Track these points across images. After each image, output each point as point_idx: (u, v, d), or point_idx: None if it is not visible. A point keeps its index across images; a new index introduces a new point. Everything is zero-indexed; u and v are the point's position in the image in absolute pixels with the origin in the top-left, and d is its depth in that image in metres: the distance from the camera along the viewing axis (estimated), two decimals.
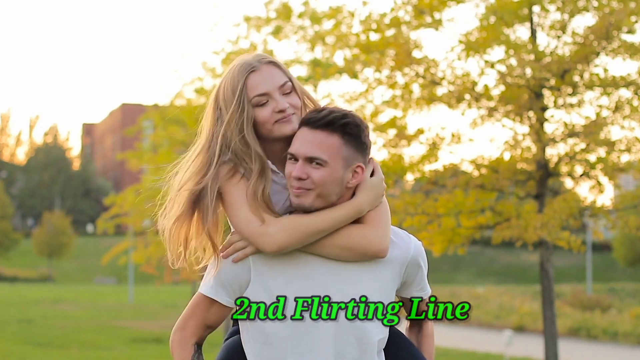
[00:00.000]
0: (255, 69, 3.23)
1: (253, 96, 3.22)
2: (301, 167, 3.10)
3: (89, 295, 52.40)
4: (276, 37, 16.97)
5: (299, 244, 3.13)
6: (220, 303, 3.22)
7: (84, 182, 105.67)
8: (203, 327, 3.26)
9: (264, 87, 3.22)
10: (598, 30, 9.20)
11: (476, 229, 9.96)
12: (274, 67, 3.25)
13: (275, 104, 3.21)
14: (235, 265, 3.19)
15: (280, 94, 3.23)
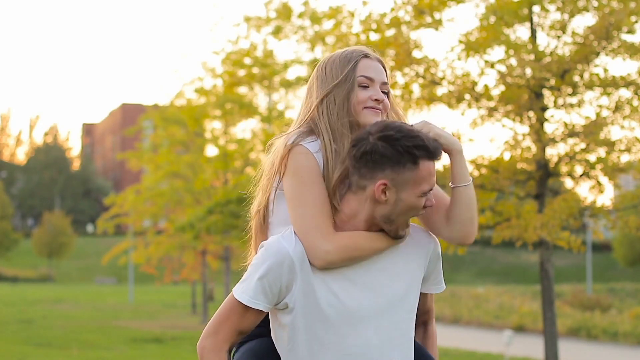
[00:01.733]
0: (370, 56, 3.35)
1: (359, 75, 3.30)
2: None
3: (89, 295, 52.41)
4: (276, 37, 16.98)
5: (343, 263, 3.14)
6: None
7: (84, 182, 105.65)
8: (236, 333, 3.17)
9: (371, 73, 3.32)
10: (598, 30, 9.20)
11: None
12: (382, 65, 3.37)
13: (374, 92, 3.30)
14: (282, 269, 3.10)
15: (379, 88, 3.32)
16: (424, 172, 3.06)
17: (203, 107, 23.52)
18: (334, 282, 3.12)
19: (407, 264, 3.25)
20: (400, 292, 3.21)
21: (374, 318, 3.15)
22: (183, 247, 29.21)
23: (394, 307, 3.19)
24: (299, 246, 3.10)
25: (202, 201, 24.86)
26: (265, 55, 18.76)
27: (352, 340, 3.13)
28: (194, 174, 25.90)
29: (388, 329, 3.18)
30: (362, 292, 3.14)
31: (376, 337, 3.16)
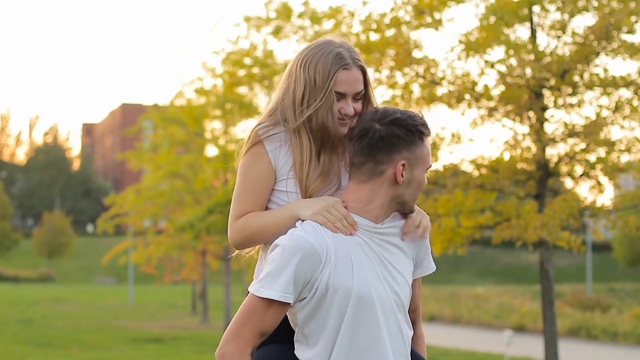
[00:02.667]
0: (348, 67, 3.36)
1: (335, 90, 3.34)
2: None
3: (89, 295, 52.41)
4: (276, 37, 16.98)
5: (250, 243, 3.38)
6: (280, 303, 3.12)
7: (84, 182, 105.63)
8: (258, 335, 3.14)
9: (344, 88, 3.34)
10: (598, 30, 9.20)
11: (476, 229, 9.97)
12: (359, 71, 3.38)
13: (345, 104, 3.35)
14: (313, 256, 3.14)
15: (353, 98, 3.38)
16: (427, 149, 3.28)
17: (203, 107, 23.51)
18: (356, 270, 3.18)
19: (405, 259, 3.31)
20: (405, 288, 3.28)
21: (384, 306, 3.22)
22: (183, 247, 29.20)
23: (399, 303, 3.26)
24: (321, 237, 3.15)
25: (202, 201, 24.85)
26: (265, 55, 18.76)
27: (371, 322, 3.19)
28: (194, 174, 25.90)
29: (394, 324, 3.23)
30: (381, 285, 3.21)
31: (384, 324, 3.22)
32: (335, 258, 3.14)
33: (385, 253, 3.23)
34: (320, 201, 3.25)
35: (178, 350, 22.37)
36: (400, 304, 3.24)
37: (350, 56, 3.37)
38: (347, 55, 3.37)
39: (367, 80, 3.42)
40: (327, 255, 3.12)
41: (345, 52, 3.38)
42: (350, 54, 3.38)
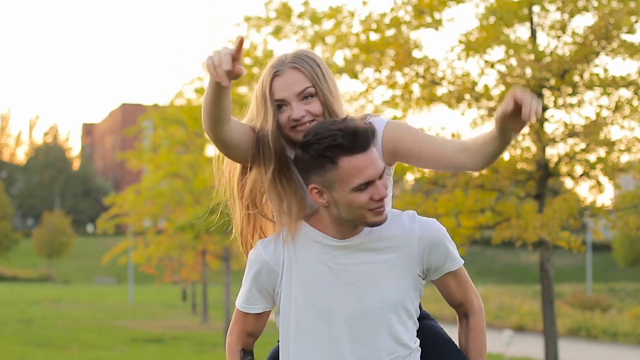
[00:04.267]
0: (279, 73, 3.28)
1: (275, 99, 3.28)
2: (382, 186, 3.15)
3: (89, 295, 52.42)
4: (276, 37, 16.96)
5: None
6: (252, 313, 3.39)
7: (84, 182, 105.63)
8: (245, 334, 3.41)
9: (282, 94, 3.27)
10: (598, 30, 9.20)
11: (476, 229, 9.97)
12: (296, 71, 3.26)
13: (291, 110, 3.26)
14: (268, 270, 3.29)
15: (299, 100, 3.25)
16: (348, 168, 3.06)
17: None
18: (311, 281, 3.23)
19: (393, 268, 3.25)
20: (381, 296, 3.23)
21: (348, 318, 3.21)
22: (183, 247, 29.20)
23: (372, 311, 3.22)
24: (277, 252, 3.26)
25: (202, 201, 24.84)
26: (265, 55, 18.73)
27: (326, 335, 3.21)
28: (194, 174, 25.86)
29: (362, 332, 3.22)
30: (340, 293, 3.21)
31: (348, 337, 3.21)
32: (291, 271, 3.24)
33: (353, 266, 3.20)
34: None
35: (178, 350, 22.38)
36: (371, 314, 3.21)
37: (285, 61, 3.29)
38: (282, 61, 3.30)
39: (317, 76, 3.27)
40: (282, 270, 3.25)
41: (284, 58, 3.31)
42: (289, 58, 3.29)
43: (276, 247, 3.27)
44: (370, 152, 3.08)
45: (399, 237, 3.24)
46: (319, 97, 3.27)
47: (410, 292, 3.26)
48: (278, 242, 3.27)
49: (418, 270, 3.26)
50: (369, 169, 3.08)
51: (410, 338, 3.29)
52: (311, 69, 3.28)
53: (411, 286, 3.26)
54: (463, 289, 3.40)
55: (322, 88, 3.28)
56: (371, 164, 3.08)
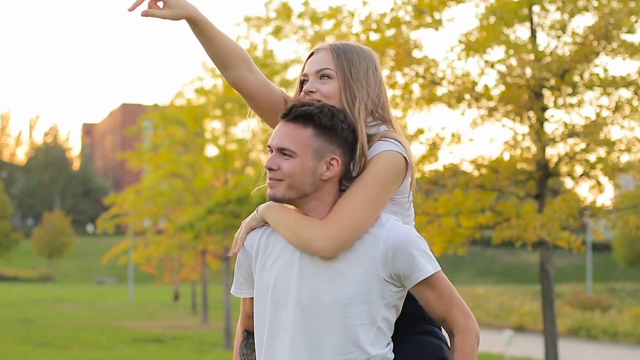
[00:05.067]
0: (315, 52, 3.40)
1: (302, 74, 3.41)
2: (273, 157, 3.20)
3: (89, 295, 52.43)
4: (276, 37, 16.97)
5: None
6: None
7: (84, 182, 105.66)
8: (246, 318, 3.47)
9: (307, 69, 3.38)
10: (598, 30, 9.19)
11: (476, 229, 9.96)
12: (327, 53, 3.35)
13: (308, 84, 3.35)
14: (245, 253, 3.37)
15: (317, 78, 3.33)
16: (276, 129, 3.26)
17: (203, 107, 23.51)
18: (280, 269, 3.25)
19: (350, 267, 3.18)
20: (337, 293, 3.17)
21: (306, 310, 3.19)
22: (183, 247, 29.20)
23: (326, 306, 3.17)
24: (254, 236, 3.33)
25: (202, 201, 24.84)
26: (265, 55, 18.76)
27: (284, 324, 3.22)
28: (194, 174, 25.88)
29: (316, 325, 3.18)
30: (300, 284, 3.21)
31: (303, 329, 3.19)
32: (264, 256, 3.28)
33: (316, 259, 3.17)
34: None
35: (178, 350, 22.39)
36: (325, 309, 3.16)
37: (325, 44, 3.40)
38: (323, 44, 3.41)
39: (342, 62, 3.33)
40: (256, 254, 3.30)
41: (326, 42, 3.43)
42: (329, 42, 3.40)
43: (257, 233, 3.33)
44: (289, 125, 3.18)
45: (367, 237, 3.18)
46: (338, 81, 3.31)
47: (371, 295, 3.15)
48: (265, 228, 3.33)
49: (383, 274, 3.15)
50: (275, 136, 3.21)
51: (371, 343, 3.16)
52: (340, 54, 3.34)
53: (373, 289, 3.16)
54: (444, 304, 3.23)
55: (344, 74, 3.31)
56: (279, 134, 3.20)
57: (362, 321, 3.16)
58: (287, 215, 3.23)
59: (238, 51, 3.43)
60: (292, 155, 3.16)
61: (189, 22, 3.37)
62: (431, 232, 9.65)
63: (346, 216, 3.14)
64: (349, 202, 3.18)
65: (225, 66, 3.42)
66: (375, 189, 3.19)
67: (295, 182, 3.17)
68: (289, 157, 3.16)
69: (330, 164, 3.19)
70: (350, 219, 3.14)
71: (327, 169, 3.19)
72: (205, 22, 3.36)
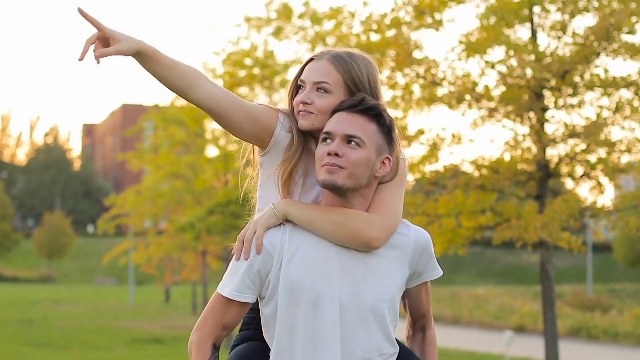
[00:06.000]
0: (316, 59, 3.29)
1: (298, 80, 3.32)
2: (338, 144, 3.12)
3: (90, 295, 52.42)
4: (277, 37, 16.97)
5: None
6: (239, 302, 3.21)
7: (84, 182, 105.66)
8: (220, 327, 3.23)
9: (305, 75, 3.28)
10: (598, 31, 9.20)
11: (476, 230, 9.96)
12: (330, 64, 3.25)
13: (302, 94, 3.26)
14: (264, 254, 3.18)
15: (314, 89, 3.25)
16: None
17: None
18: (313, 264, 3.17)
19: (388, 265, 3.22)
20: (379, 289, 3.19)
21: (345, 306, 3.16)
22: (183, 247, 29.19)
23: (369, 302, 3.17)
24: (276, 235, 3.19)
25: (203, 202, 24.84)
26: (266, 55, 18.75)
27: (315, 320, 3.14)
28: (195, 175, 25.88)
29: (356, 322, 3.16)
30: (339, 280, 3.16)
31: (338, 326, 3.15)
32: (289, 255, 3.17)
33: (355, 254, 3.17)
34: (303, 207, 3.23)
35: (178, 350, 22.37)
36: (368, 305, 3.16)
37: (327, 53, 3.30)
38: (324, 51, 3.32)
39: (349, 79, 3.26)
40: (279, 254, 3.16)
41: (328, 50, 3.34)
42: (331, 52, 3.30)
43: (277, 230, 3.20)
44: (356, 116, 3.14)
45: (398, 236, 3.23)
46: (339, 94, 3.24)
47: (399, 292, 3.25)
48: (284, 227, 3.20)
49: (408, 272, 3.26)
50: (340, 124, 3.14)
51: (393, 339, 3.25)
52: (345, 68, 3.26)
53: (400, 287, 3.25)
54: (428, 301, 3.44)
55: (348, 85, 3.26)
56: (347, 122, 3.13)
57: (392, 317, 3.22)
58: (322, 209, 3.20)
59: (194, 70, 3.25)
60: (361, 145, 3.12)
61: (138, 57, 3.19)
62: (432, 232, 9.64)
63: (392, 209, 3.22)
64: (390, 197, 3.24)
65: (187, 87, 3.21)
66: (403, 189, 3.33)
67: (357, 172, 3.13)
68: (357, 146, 3.12)
69: (384, 162, 3.19)
70: (394, 212, 3.22)
71: (381, 167, 3.19)
72: (155, 50, 3.21)
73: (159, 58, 3.19)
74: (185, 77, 3.21)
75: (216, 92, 3.23)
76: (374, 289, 3.17)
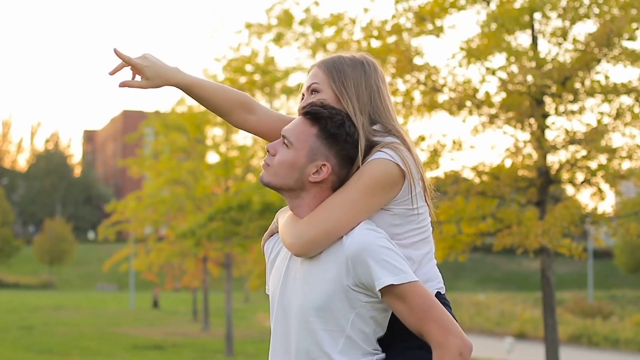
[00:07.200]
0: (311, 68, 3.44)
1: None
2: (276, 143, 3.25)
3: (90, 302, 52.40)
4: (277, 44, 16.96)
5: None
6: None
7: (85, 188, 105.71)
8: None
9: (304, 86, 3.43)
10: (599, 37, 9.20)
11: (477, 236, 9.96)
12: (317, 68, 3.40)
13: (302, 101, 3.39)
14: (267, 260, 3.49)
15: (309, 93, 3.38)
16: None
17: (204, 113, 23.47)
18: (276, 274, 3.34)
19: (319, 273, 3.16)
20: (306, 297, 3.17)
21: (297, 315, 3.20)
22: (184, 254, 29.19)
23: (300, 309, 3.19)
24: (269, 243, 3.47)
25: (203, 208, 24.85)
26: (267, 62, 18.75)
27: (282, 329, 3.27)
28: (195, 181, 25.88)
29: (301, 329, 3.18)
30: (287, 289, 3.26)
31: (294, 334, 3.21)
32: (272, 260, 3.41)
33: (299, 264, 3.20)
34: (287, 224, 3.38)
35: (179, 357, 22.38)
36: (299, 312, 3.17)
37: (319, 60, 3.45)
38: (317, 61, 3.47)
39: (331, 77, 3.34)
40: (268, 258, 3.45)
41: (321, 58, 3.55)
42: (322, 58, 3.46)
43: (275, 236, 3.45)
44: (301, 118, 3.24)
45: (339, 242, 3.13)
46: (327, 93, 3.33)
47: (335, 302, 3.10)
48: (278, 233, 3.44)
49: (347, 282, 3.09)
50: (288, 124, 3.29)
51: (339, 352, 3.11)
52: (329, 69, 3.37)
53: (338, 297, 3.10)
54: (417, 318, 3.10)
55: (333, 85, 3.33)
56: (290, 123, 3.27)
57: (327, 327, 3.12)
58: (283, 214, 3.34)
59: (232, 97, 3.48)
60: (289, 146, 3.19)
61: (175, 87, 3.43)
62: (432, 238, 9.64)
63: (320, 217, 3.14)
64: (325, 205, 3.17)
65: (223, 115, 3.51)
66: (355, 193, 3.15)
67: (281, 172, 3.19)
68: (286, 147, 3.20)
69: (320, 168, 3.16)
70: (323, 220, 3.12)
71: (316, 173, 3.17)
72: (187, 84, 3.42)
73: (192, 91, 3.45)
74: (221, 106, 3.50)
75: (249, 119, 3.53)
76: (303, 294, 3.16)
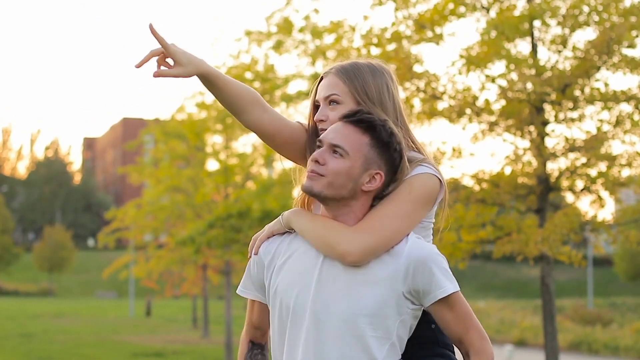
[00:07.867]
0: (324, 76, 3.43)
1: (315, 100, 3.45)
2: (322, 152, 3.15)
3: (90, 309, 52.36)
4: (277, 51, 16.97)
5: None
6: (258, 302, 3.37)
7: (85, 196, 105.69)
8: (252, 327, 3.43)
9: (318, 95, 3.42)
10: (599, 45, 9.21)
11: (477, 244, 9.96)
12: (335, 77, 3.38)
13: (319, 112, 3.38)
14: (258, 262, 3.33)
15: (326, 104, 3.36)
16: None
17: (204, 121, 23.48)
18: (298, 276, 3.19)
19: (372, 278, 3.12)
20: (356, 302, 3.11)
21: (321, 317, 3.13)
22: (184, 261, 29.17)
23: (345, 315, 3.11)
24: (272, 244, 3.30)
25: (203, 215, 24.83)
26: (266, 69, 18.77)
27: (298, 332, 3.16)
28: (195, 188, 25.86)
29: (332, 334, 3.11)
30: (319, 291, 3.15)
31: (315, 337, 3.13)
32: (281, 263, 3.24)
33: (339, 267, 3.12)
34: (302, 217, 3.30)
35: None
36: (343, 318, 3.10)
37: (333, 67, 3.42)
38: (331, 67, 3.43)
39: (353, 86, 3.35)
40: (270, 262, 3.27)
41: (334, 65, 3.45)
42: (337, 66, 3.42)
43: (277, 239, 3.31)
44: (349, 126, 3.15)
45: (393, 251, 3.14)
46: (347, 106, 3.32)
47: (387, 309, 3.10)
48: (287, 235, 3.29)
49: (403, 288, 3.10)
50: (330, 132, 3.18)
51: (384, 358, 3.11)
52: (349, 78, 3.36)
53: (390, 303, 3.10)
54: (462, 325, 3.18)
55: (357, 97, 3.34)
56: (336, 131, 3.17)
57: (376, 333, 3.11)
58: (315, 219, 3.22)
59: (249, 94, 3.46)
60: (343, 155, 3.12)
61: (200, 78, 3.40)
62: None
63: (377, 225, 3.12)
64: (381, 213, 3.16)
65: (239, 112, 3.47)
66: (409, 205, 3.20)
67: (337, 182, 3.12)
68: (339, 157, 3.12)
69: (373, 177, 3.15)
70: (380, 229, 3.12)
71: (370, 182, 3.15)
72: (215, 74, 3.40)
73: (217, 83, 3.41)
74: (237, 103, 3.45)
75: (264, 117, 3.48)
76: (350, 301, 3.10)
